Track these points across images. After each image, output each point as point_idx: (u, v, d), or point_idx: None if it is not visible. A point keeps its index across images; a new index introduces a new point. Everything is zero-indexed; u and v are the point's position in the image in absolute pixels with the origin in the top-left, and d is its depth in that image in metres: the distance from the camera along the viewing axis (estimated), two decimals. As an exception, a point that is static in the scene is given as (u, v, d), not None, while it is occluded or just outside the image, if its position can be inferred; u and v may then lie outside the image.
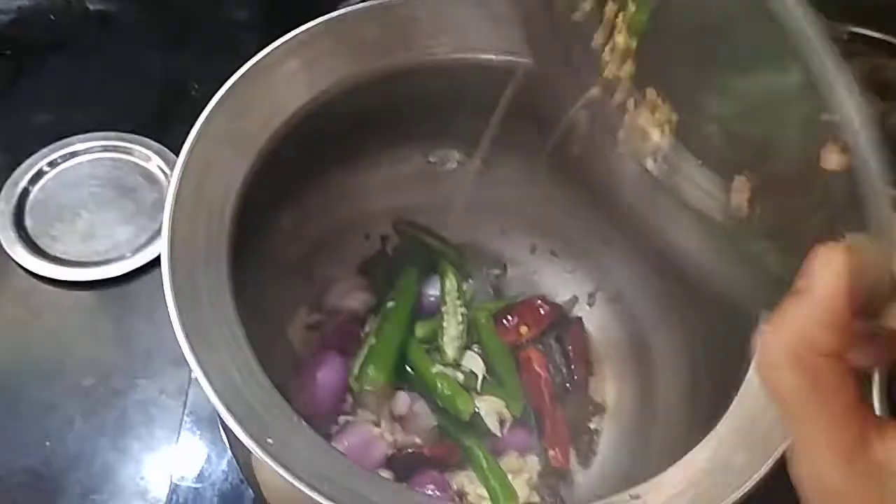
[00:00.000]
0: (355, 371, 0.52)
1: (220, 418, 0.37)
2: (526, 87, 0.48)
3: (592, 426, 0.56)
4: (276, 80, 0.45)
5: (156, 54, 0.81)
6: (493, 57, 0.50)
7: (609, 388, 0.58)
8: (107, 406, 0.60)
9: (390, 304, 0.56)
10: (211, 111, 0.44)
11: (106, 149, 0.73)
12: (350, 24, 0.47)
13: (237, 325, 0.39)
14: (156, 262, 0.67)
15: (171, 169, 0.72)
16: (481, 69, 0.50)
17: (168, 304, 0.40)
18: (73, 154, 0.72)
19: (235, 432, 0.36)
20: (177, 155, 0.72)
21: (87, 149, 0.72)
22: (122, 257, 0.67)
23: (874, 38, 0.81)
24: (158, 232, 0.68)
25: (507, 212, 0.62)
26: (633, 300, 0.59)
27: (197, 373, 0.37)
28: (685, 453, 0.49)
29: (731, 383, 0.47)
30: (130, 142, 0.73)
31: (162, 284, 0.65)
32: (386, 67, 0.47)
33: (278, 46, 0.45)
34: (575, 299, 0.61)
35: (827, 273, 0.25)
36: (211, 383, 0.37)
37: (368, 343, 0.53)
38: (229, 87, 0.44)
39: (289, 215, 0.47)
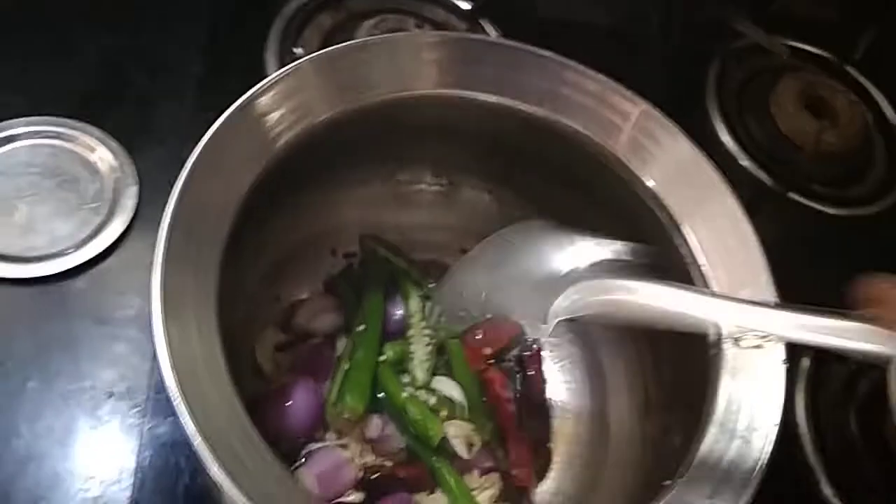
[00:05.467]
0: (332, 398, 0.52)
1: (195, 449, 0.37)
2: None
3: (550, 444, 0.58)
4: (263, 118, 0.45)
5: (90, 32, 0.76)
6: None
7: (564, 404, 0.60)
8: (54, 410, 0.58)
9: (361, 327, 0.56)
10: (203, 145, 0.44)
11: (43, 135, 0.69)
12: (330, 62, 0.48)
13: (219, 347, 0.40)
14: (99, 258, 0.65)
15: (115, 158, 0.69)
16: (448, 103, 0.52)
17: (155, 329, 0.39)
18: (8, 139, 0.68)
19: (220, 481, 0.36)
20: (120, 143, 0.69)
21: (23, 134, 0.68)
22: (63, 253, 0.64)
23: (811, 53, 0.83)
24: (101, 227, 0.66)
25: (469, 232, 0.62)
26: (587, 319, 0.60)
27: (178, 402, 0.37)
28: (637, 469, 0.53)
29: (682, 404, 0.50)
30: (70, 128, 0.69)
31: (107, 282, 0.64)
32: (366, 103, 0.48)
33: (264, 85, 0.45)
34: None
35: None
36: (194, 419, 0.37)
37: (343, 369, 0.54)
38: (219, 125, 0.43)
39: (259, 235, 0.47)
